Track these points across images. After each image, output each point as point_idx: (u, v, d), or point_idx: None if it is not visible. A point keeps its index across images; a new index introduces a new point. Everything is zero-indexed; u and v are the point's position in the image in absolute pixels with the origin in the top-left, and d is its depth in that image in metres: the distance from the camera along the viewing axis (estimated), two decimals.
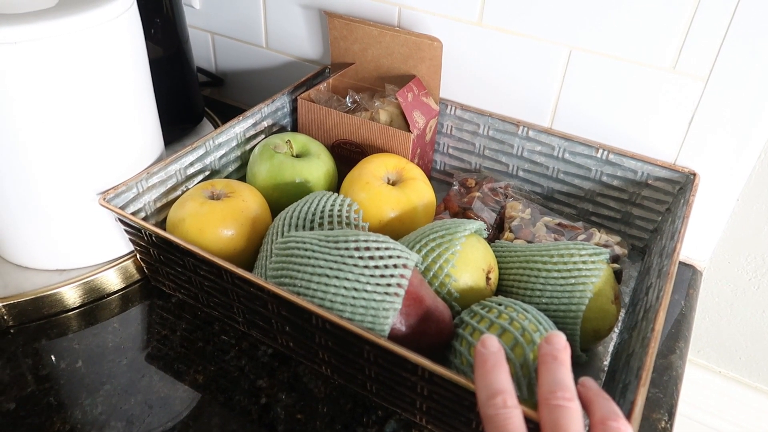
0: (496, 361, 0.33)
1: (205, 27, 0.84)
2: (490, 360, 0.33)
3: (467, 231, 0.48)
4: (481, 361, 0.33)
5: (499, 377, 0.32)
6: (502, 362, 0.33)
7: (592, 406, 0.33)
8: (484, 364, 0.33)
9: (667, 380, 0.50)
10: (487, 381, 0.32)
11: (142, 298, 0.55)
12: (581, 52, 0.59)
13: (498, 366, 0.33)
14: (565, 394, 0.31)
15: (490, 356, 0.33)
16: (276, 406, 0.46)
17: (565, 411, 0.31)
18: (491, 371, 0.33)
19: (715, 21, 0.52)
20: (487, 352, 0.34)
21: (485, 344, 0.34)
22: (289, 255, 0.44)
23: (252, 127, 0.65)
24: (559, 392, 0.31)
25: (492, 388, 0.32)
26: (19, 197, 0.50)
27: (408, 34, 0.63)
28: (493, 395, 0.32)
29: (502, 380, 0.32)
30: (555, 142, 0.62)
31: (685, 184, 0.58)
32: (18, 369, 0.48)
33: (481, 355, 0.34)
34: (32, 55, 0.44)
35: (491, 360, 0.33)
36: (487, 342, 0.34)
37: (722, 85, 0.54)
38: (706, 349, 0.83)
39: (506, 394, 0.32)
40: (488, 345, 0.34)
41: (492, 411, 0.31)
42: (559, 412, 0.31)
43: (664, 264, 0.48)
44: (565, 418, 0.30)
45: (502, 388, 0.32)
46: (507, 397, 0.31)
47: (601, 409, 0.32)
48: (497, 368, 0.33)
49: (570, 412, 0.31)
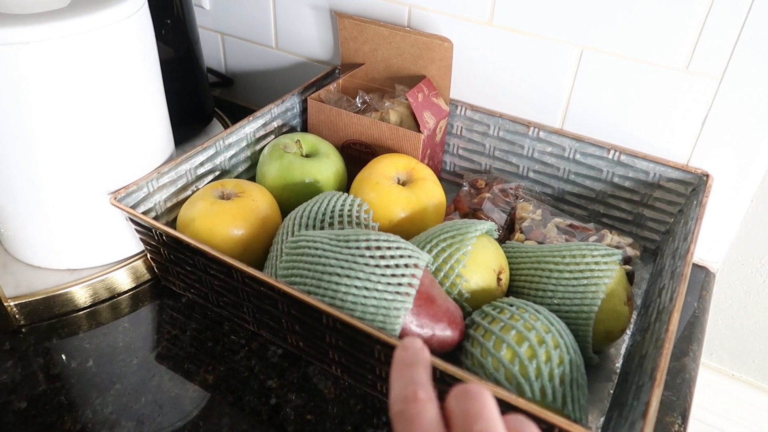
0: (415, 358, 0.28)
1: (215, 28, 0.84)
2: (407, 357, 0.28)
3: (478, 231, 0.48)
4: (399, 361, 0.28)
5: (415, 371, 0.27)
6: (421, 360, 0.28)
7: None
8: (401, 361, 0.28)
9: (680, 383, 0.50)
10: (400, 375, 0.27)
11: (153, 298, 0.55)
12: (593, 51, 0.59)
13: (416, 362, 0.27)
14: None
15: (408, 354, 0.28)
16: (286, 407, 0.46)
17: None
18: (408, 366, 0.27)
19: (730, 20, 0.51)
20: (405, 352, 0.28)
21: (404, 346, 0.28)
22: (299, 254, 0.44)
23: (262, 128, 0.65)
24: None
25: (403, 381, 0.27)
26: (30, 197, 0.50)
27: (418, 34, 0.63)
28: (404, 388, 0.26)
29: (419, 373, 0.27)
30: (566, 143, 0.62)
31: (698, 185, 0.57)
32: (29, 368, 0.48)
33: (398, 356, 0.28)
34: (44, 55, 0.44)
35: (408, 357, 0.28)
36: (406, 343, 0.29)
37: (736, 85, 0.54)
38: (719, 351, 0.83)
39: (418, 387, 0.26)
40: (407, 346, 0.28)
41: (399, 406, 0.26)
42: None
43: (677, 265, 0.48)
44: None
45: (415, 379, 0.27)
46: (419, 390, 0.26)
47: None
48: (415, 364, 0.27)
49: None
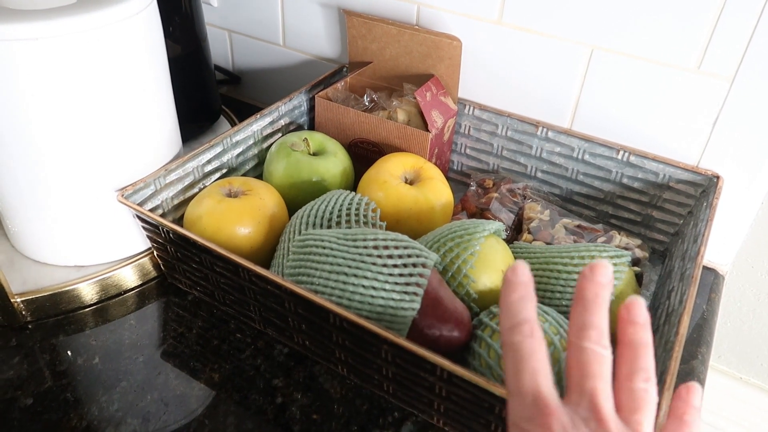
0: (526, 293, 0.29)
1: (223, 25, 0.84)
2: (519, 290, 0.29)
3: (486, 232, 0.48)
4: (510, 289, 0.30)
5: (527, 306, 0.29)
6: (532, 295, 0.30)
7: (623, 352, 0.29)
8: (513, 292, 0.29)
9: None
10: (514, 308, 0.29)
11: (159, 295, 0.55)
12: (603, 51, 0.58)
13: (527, 297, 0.29)
14: (601, 340, 0.28)
15: (519, 286, 0.29)
16: (292, 406, 0.46)
17: (597, 356, 0.27)
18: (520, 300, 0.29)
19: (742, 20, 0.51)
20: (517, 280, 0.30)
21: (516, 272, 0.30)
22: (307, 253, 0.44)
23: (269, 126, 0.65)
24: (594, 335, 0.28)
25: (520, 316, 0.29)
26: (37, 193, 0.50)
27: (427, 32, 0.62)
28: (521, 323, 0.28)
29: (530, 310, 0.29)
30: (575, 143, 0.62)
31: (708, 186, 0.57)
32: (36, 364, 0.48)
33: (510, 282, 0.30)
34: (52, 52, 0.44)
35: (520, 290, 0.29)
36: (518, 269, 0.30)
37: (748, 86, 0.53)
38: (727, 354, 0.82)
39: (534, 324, 0.28)
40: (519, 273, 0.30)
41: (518, 338, 0.28)
42: (591, 356, 0.27)
43: (687, 267, 0.47)
44: (597, 362, 0.27)
45: (529, 317, 0.29)
46: (534, 328, 0.28)
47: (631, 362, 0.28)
48: (526, 299, 0.29)
49: (602, 359, 0.28)
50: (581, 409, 0.27)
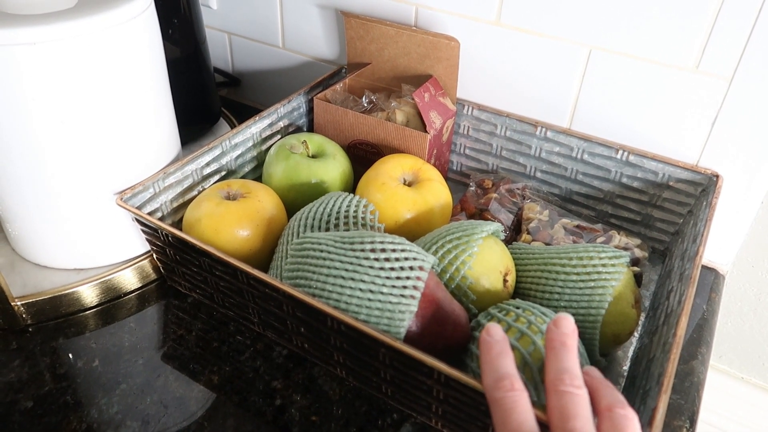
0: (502, 349, 0.34)
1: (222, 27, 0.84)
2: (495, 347, 0.34)
3: (484, 232, 0.47)
4: (487, 348, 0.34)
5: (505, 362, 0.33)
6: (507, 350, 0.34)
7: (597, 394, 0.33)
8: (490, 350, 0.34)
9: (689, 386, 0.49)
10: (493, 366, 0.33)
11: (159, 298, 0.56)
12: (601, 51, 0.58)
13: (504, 353, 0.33)
14: (574, 381, 0.31)
15: (495, 344, 0.34)
16: (291, 408, 0.46)
17: (574, 397, 0.31)
18: (497, 357, 0.33)
19: (740, 20, 0.51)
20: (492, 339, 0.34)
21: (490, 332, 0.34)
22: (304, 256, 0.44)
23: (268, 128, 0.65)
24: (567, 378, 0.31)
25: (499, 372, 0.32)
26: (37, 197, 0.50)
27: (425, 33, 0.62)
28: (501, 378, 0.32)
29: (508, 365, 0.33)
30: (574, 143, 0.62)
31: (707, 186, 0.57)
32: (36, 367, 0.49)
33: (486, 342, 0.34)
34: (51, 56, 0.44)
35: (496, 348, 0.34)
36: (491, 330, 0.35)
37: (747, 85, 0.53)
38: (728, 354, 0.82)
39: (513, 378, 0.32)
40: (492, 333, 0.35)
41: (500, 394, 0.31)
42: (568, 398, 0.31)
43: (686, 267, 0.47)
44: (574, 403, 0.31)
45: (508, 372, 0.32)
46: (514, 381, 0.32)
47: (606, 397, 0.32)
48: (503, 355, 0.33)
49: (578, 399, 0.31)
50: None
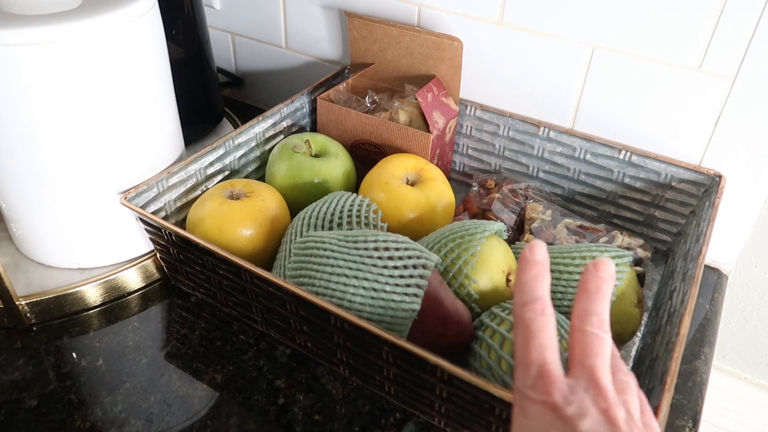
0: (540, 271, 0.31)
1: (225, 27, 0.84)
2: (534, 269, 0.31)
3: (487, 232, 0.48)
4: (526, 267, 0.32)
5: (541, 285, 0.31)
6: (546, 274, 0.32)
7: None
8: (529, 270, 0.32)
9: (692, 386, 0.49)
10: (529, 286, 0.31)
11: (162, 297, 0.56)
12: (604, 51, 0.58)
13: (541, 276, 0.31)
14: (602, 325, 0.30)
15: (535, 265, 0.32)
16: (294, 407, 0.46)
17: (598, 338, 0.30)
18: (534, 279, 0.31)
19: (744, 19, 0.51)
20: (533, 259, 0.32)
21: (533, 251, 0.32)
22: (308, 255, 0.44)
23: (271, 128, 0.65)
24: (596, 321, 0.30)
25: (533, 294, 0.31)
26: (41, 196, 0.51)
27: (428, 33, 0.63)
28: (534, 301, 0.31)
29: (544, 289, 0.31)
30: (576, 143, 0.62)
31: (710, 186, 0.57)
32: (40, 366, 0.49)
33: (527, 261, 0.32)
34: (56, 56, 0.44)
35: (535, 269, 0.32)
36: (535, 248, 0.32)
37: (750, 85, 0.53)
38: (731, 354, 0.82)
39: (546, 303, 0.31)
40: (536, 252, 0.32)
41: (530, 315, 0.30)
42: (593, 338, 0.30)
43: (689, 267, 0.47)
44: (598, 343, 0.30)
45: (542, 296, 0.31)
46: (546, 306, 0.31)
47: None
48: (540, 278, 0.31)
49: (602, 341, 0.30)
50: (582, 381, 0.29)
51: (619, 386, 0.30)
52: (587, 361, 0.29)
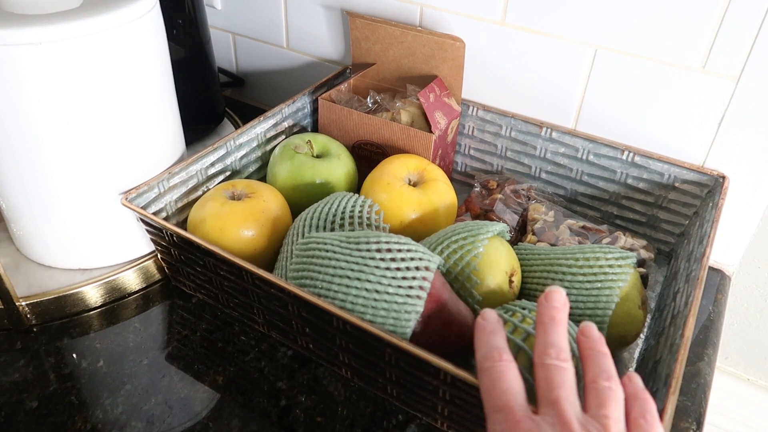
0: (494, 329, 0.35)
1: (226, 27, 0.84)
2: (488, 327, 0.35)
3: (490, 233, 0.47)
4: (481, 328, 0.35)
5: (496, 338, 0.34)
6: (500, 330, 0.35)
7: (585, 364, 0.33)
8: (484, 329, 0.35)
9: (695, 388, 0.49)
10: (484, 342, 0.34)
11: (163, 298, 0.55)
12: (607, 51, 0.58)
13: (495, 332, 0.35)
14: (560, 355, 0.32)
15: (488, 324, 0.35)
16: (295, 409, 0.46)
17: (559, 369, 0.31)
18: (489, 335, 0.34)
19: (747, 19, 0.50)
20: (485, 322, 0.35)
21: (484, 317, 0.36)
22: (309, 256, 0.44)
23: (273, 128, 0.65)
24: (553, 352, 0.32)
25: (489, 346, 0.34)
26: (41, 197, 0.50)
27: (430, 34, 0.62)
28: (490, 350, 0.33)
29: (499, 340, 0.34)
30: (579, 144, 0.61)
31: (713, 187, 0.56)
32: (41, 367, 0.48)
33: (480, 325, 0.35)
34: (56, 56, 0.44)
35: (489, 327, 0.35)
36: (486, 314, 0.36)
37: (754, 85, 0.53)
38: (734, 355, 0.81)
39: (502, 350, 0.33)
40: (487, 317, 0.36)
41: (488, 364, 0.32)
42: (553, 370, 0.31)
43: (693, 269, 0.47)
44: (559, 375, 0.31)
45: (498, 345, 0.33)
46: (503, 353, 0.33)
47: (593, 369, 0.32)
48: (495, 333, 0.34)
49: (563, 371, 0.31)
50: (548, 416, 0.30)
51: (598, 398, 0.31)
52: (551, 395, 0.30)
